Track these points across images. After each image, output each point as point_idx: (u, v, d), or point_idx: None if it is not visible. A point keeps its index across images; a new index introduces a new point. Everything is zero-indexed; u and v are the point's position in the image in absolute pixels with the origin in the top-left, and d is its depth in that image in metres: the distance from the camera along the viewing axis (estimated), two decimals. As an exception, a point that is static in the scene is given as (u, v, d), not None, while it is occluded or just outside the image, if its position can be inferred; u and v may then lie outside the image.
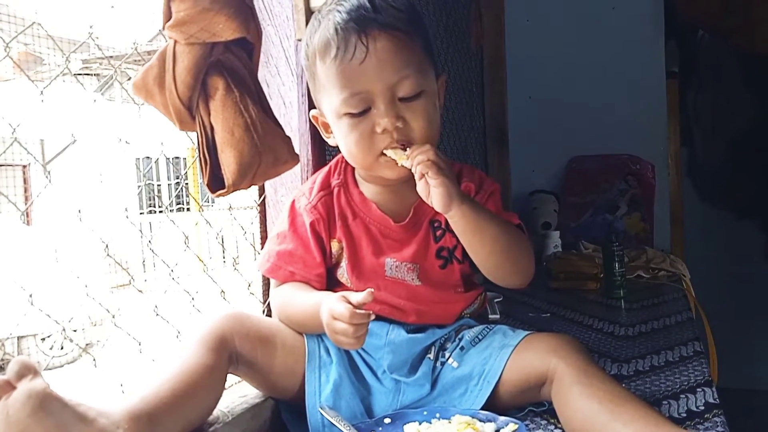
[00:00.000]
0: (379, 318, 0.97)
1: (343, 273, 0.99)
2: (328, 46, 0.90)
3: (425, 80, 0.93)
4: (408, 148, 0.89)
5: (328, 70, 0.90)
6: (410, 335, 0.96)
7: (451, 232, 0.97)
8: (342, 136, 0.94)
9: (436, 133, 0.94)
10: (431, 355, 0.96)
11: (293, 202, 1.02)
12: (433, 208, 0.94)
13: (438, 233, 1.00)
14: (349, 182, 1.02)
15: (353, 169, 1.03)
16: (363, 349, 0.97)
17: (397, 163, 0.90)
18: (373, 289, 0.82)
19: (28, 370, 0.63)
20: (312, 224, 0.98)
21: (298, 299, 0.95)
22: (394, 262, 0.98)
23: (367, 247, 0.98)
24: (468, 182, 1.01)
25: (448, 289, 1.01)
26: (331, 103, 0.92)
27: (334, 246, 1.00)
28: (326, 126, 0.99)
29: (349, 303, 0.81)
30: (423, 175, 0.84)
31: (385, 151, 0.90)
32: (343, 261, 0.99)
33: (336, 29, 0.89)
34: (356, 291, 0.95)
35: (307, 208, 0.99)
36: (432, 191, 0.84)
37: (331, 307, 0.82)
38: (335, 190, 1.01)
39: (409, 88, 0.90)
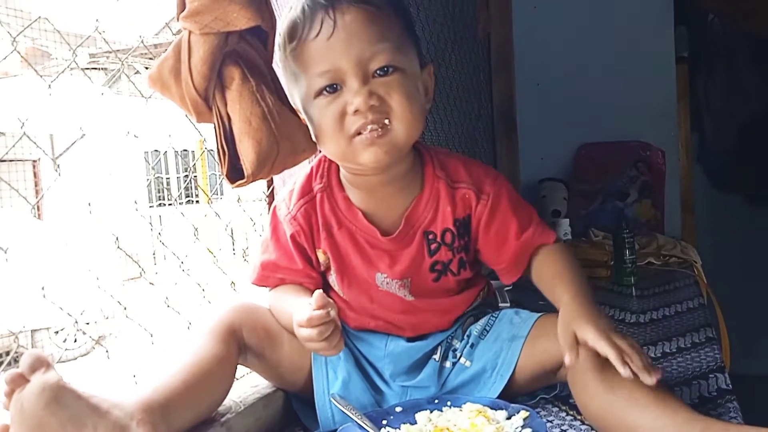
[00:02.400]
0: (376, 331, 0.96)
1: (335, 282, 0.96)
2: (295, 27, 0.85)
3: (405, 59, 0.85)
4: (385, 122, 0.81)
5: (296, 52, 0.85)
6: (410, 344, 0.95)
7: (447, 245, 0.93)
8: (313, 124, 0.87)
9: (418, 115, 0.85)
10: (437, 356, 0.95)
11: (274, 209, 0.97)
12: (426, 217, 0.91)
13: (433, 246, 0.93)
14: (334, 186, 0.94)
15: (338, 170, 0.95)
16: (366, 357, 0.96)
17: (371, 144, 0.81)
18: (321, 291, 0.78)
19: (41, 363, 0.64)
20: (293, 237, 0.93)
21: (283, 307, 0.91)
22: (385, 278, 0.93)
23: (356, 259, 0.92)
24: (466, 189, 0.93)
25: (442, 296, 0.97)
26: (301, 89, 0.86)
27: (321, 256, 0.95)
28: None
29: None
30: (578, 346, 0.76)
31: None
32: (332, 272, 0.95)
33: (303, 9, 0.84)
34: (348, 301, 0.95)
35: (287, 219, 0.94)
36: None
37: (295, 317, 0.80)
38: (318, 196, 0.93)
39: (384, 60, 0.82)
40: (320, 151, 0.94)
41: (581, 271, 0.92)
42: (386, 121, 0.82)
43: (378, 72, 0.83)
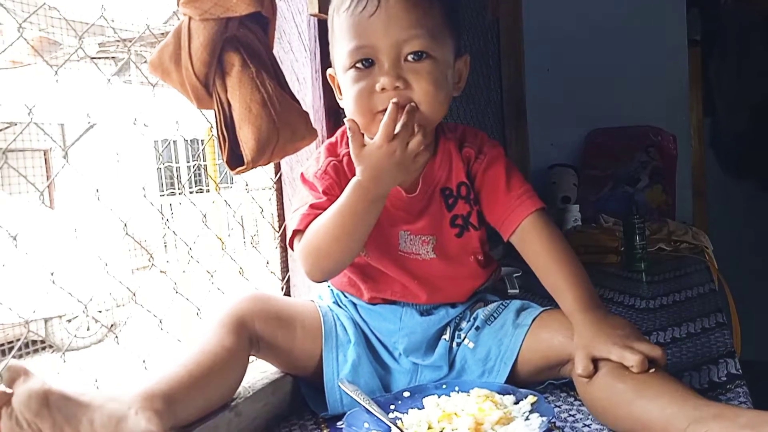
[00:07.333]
0: (390, 302, 0.97)
1: None
2: None
3: (438, 47, 0.89)
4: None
5: (341, 21, 0.89)
6: (423, 318, 0.96)
7: (464, 198, 0.97)
8: (345, 92, 0.92)
9: (442, 103, 0.90)
10: (446, 336, 0.96)
11: (302, 174, 0.98)
12: (441, 176, 0.96)
13: (450, 201, 0.97)
14: None
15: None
16: (378, 334, 0.97)
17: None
18: None
19: (18, 373, 0.63)
20: (325, 192, 0.93)
21: (327, 212, 0.88)
22: (408, 235, 0.96)
23: (380, 217, 0.93)
24: (469, 147, 0.99)
25: (464, 262, 0.98)
26: (340, 56, 0.91)
27: None
28: (340, 87, 0.96)
29: None
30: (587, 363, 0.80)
31: None
32: None
33: None
34: (371, 262, 0.96)
35: (318, 174, 0.95)
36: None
37: (365, 150, 0.83)
38: (344, 159, 0.96)
39: (418, 46, 0.86)
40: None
41: (574, 254, 0.93)
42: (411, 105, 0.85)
43: (411, 56, 0.87)
